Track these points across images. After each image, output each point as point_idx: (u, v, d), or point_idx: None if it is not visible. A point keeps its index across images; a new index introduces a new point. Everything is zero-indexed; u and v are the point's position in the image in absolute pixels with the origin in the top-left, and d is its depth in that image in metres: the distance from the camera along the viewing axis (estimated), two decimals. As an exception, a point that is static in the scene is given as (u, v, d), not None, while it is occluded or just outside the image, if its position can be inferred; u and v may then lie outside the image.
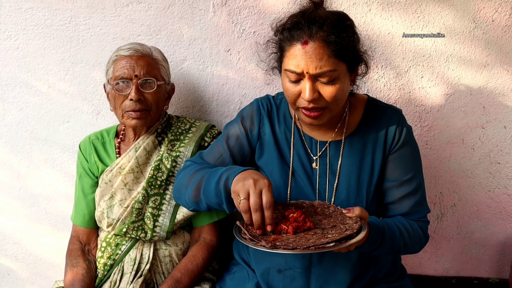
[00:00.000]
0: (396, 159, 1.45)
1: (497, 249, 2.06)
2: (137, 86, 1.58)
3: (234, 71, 1.92)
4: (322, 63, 1.25)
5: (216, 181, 1.33)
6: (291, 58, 1.28)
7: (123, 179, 1.67)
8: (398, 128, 1.44)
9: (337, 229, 1.21)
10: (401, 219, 1.45)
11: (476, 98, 1.88)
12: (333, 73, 1.27)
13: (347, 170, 1.45)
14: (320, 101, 1.30)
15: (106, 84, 1.67)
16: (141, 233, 1.65)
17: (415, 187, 1.46)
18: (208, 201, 1.38)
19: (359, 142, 1.46)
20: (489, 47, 1.82)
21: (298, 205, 1.36)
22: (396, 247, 1.39)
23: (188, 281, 1.59)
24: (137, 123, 1.61)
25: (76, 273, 1.63)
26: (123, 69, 1.59)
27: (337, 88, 1.29)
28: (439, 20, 1.80)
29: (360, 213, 1.24)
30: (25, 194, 2.11)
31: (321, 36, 1.24)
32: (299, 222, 1.24)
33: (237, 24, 1.86)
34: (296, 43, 1.27)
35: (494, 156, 1.94)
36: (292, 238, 1.19)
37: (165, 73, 1.68)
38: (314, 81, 1.28)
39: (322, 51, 1.25)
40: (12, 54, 1.94)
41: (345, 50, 1.27)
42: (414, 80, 1.88)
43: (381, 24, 1.82)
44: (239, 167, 1.32)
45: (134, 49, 1.61)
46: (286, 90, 1.34)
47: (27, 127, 2.02)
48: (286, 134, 1.51)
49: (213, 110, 1.97)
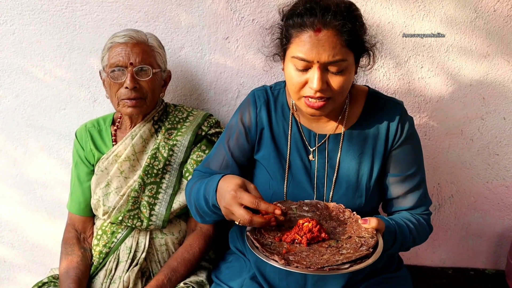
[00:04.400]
0: (399, 154, 1.43)
1: (494, 240, 2.07)
2: (132, 74, 1.56)
3: (232, 59, 1.90)
4: (335, 52, 1.22)
5: (204, 203, 1.33)
6: (300, 45, 1.24)
7: (119, 167, 1.66)
8: (401, 122, 1.42)
9: (352, 243, 1.18)
10: (408, 216, 1.44)
11: (476, 89, 1.86)
12: (343, 63, 1.25)
13: (347, 164, 1.43)
14: (326, 91, 1.27)
15: (101, 71, 1.66)
16: (137, 222, 1.64)
17: (419, 181, 1.45)
18: (211, 218, 1.40)
19: (359, 136, 1.44)
20: (490, 38, 1.80)
21: (312, 205, 1.33)
22: (405, 246, 1.39)
23: (185, 270, 1.59)
24: (133, 111, 1.60)
25: (71, 261, 1.63)
26: (118, 56, 1.57)
27: (345, 78, 1.27)
28: (440, 9, 1.78)
29: (377, 225, 1.21)
30: (21, 181, 2.10)
31: (335, 25, 1.21)
32: (314, 233, 1.20)
33: (235, 11, 1.84)
34: (308, 29, 1.23)
35: (493, 148, 1.93)
36: (306, 251, 1.16)
37: (161, 60, 1.66)
38: (323, 70, 1.25)
39: (335, 39, 1.22)
40: (8, 39, 1.91)
41: (356, 40, 1.25)
42: (413, 70, 1.86)
43: (381, 13, 1.80)
44: (211, 187, 1.28)
45: (129, 36, 1.59)
46: (291, 78, 1.30)
47: (23, 114, 2.00)
48: (284, 126, 1.48)
49: (211, 98, 1.96)
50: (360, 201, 1.43)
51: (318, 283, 1.41)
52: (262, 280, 1.47)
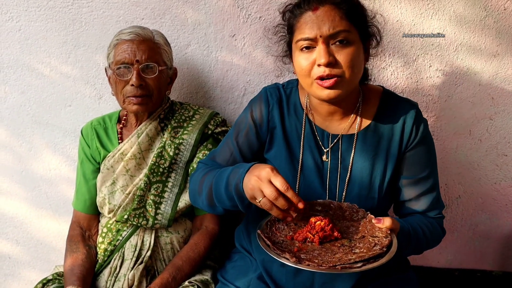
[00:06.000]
0: (413, 156, 1.41)
1: (502, 242, 2.04)
2: (138, 71, 1.56)
3: (239, 57, 1.88)
4: (335, 23, 1.25)
5: (225, 187, 1.29)
6: (302, 27, 1.28)
7: (125, 165, 1.65)
8: (415, 124, 1.40)
9: (366, 242, 1.16)
10: (422, 219, 1.42)
11: (485, 89, 1.84)
12: (347, 34, 1.26)
13: (360, 165, 1.41)
14: (335, 66, 1.26)
15: (107, 68, 1.65)
16: (143, 220, 1.63)
17: (432, 184, 1.43)
18: (223, 206, 1.36)
19: (373, 137, 1.41)
20: (500, 36, 1.78)
21: (325, 205, 1.31)
22: (419, 248, 1.38)
23: (189, 269, 1.58)
24: (138, 108, 1.59)
25: (76, 258, 1.62)
26: (124, 53, 1.56)
27: (351, 51, 1.27)
28: (450, 7, 1.76)
29: (391, 225, 1.19)
30: (26, 178, 2.10)
31: (330, 0, 1.26)
32: (326, 232, 1.18)
33: (242, 9, 1.83)
34: (306, 11, 1.28)
35: (502, 148, 1.91)
36: (318, 250, 1.14)
37: (167, 58, 1.66)
38: (328, 45, 1.26)
39: (333, 12, 1.26)
40: (14, 36, 1.91)
41: (355, 12, 1.28)
42: (422, 69, 1.84)
43: (390, 10, 1.78)
44: (242, 168, 1.26)
45: (136, 33, 1.58)
46: (299, 63, 1.30)
47: (28, 111, 2.00)
48: (296, 125, 1.46)
49: (217, 96, 1.94)
50: (372, 203, 1.41)
51: (325, 285, 1.39)
52: (269, 280, 1.45)
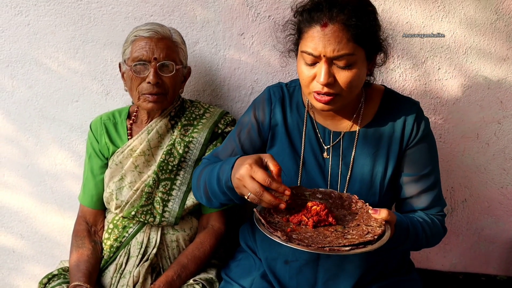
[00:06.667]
0: (414, 153, 1.42)
1: (507, 247, 2.04)
2: (155, 69, 1.55)
3: (247, 55, 1.88)
4: (340, 46, 1.22)
5: (217, 182, 1.32)
6: (308, 40, 1.26)
7: (134, 161, 1.65)
8: (416, 122, 1.41)
9: (359, 230, 1.17)
10: (422, 214, 1.43)
11: (493, 92, 1.83)
12: (351, 58, 1.24)
13: (361, 162, 1.42)
14: (334, 86, 1.27)
15: (122, 63, 1.64)
16: (150, 218, 1.63)
17: (433, 181, 1.44)
18: (219, 200, 1.37)
19: (374, 134, 1.43)
20: (510, 40, 1.77)
21: (326, 194, 1.32)
22: (418, 244, 1.38)
23: (195, 267, 1.59)
24: (154, 106, 1.59)
25: (82, 254, 1.62)
26: (142, 50, 1.55)
27: (353, 73, 1.26)
28: (460, 10, 1.75)
29: (387, 216, 1.19)
30: (32, 172, 2.10)
31: (341, 19, 1.22)
32: (321, 216, 1.20)
33: (251, 7, 1.82)
34: (316, 25, 1.24)
35: (509, 152, 1.90)
36: (310, 232, 1.16)
37: (183, 56, 1.65)
38: (330, 65, 1.25)
39: (341, 34, 1.22)
40: (22, 30, 1.91)
41: (365, 36, 1.24)
42: (430, 71, 1.83)
43: (400, 12, 1.77)
44: (228, 165, 1.27)
45: (154, 31, 1.57)
46: (301, 72, 1.31)
47: (35, 105, 2.00)
48: (298, 123, 1.48)
49: (224, 94, 1.94)
50: (373, 200, 1.41)
51: (328, 283, 1.41)
52: (272, 278, 1.47)
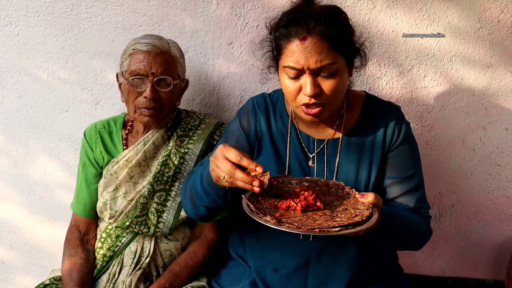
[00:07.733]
0: (396, 156, 1.44)
1: (494, 251, 2.06)
2: (152, 84, 1.54)
3: (235, 64, 1.90)
4: (322, 57, 1.24)
5: (200, 181, 1.34)
6: (289, 55, 1.27)
7: (129, 172, 1.65)
8: (397, 125, 1.44)
9: (347, 213, 1.19)
10: (408, 212, 1.43)
11: (478, 99, 1.86)
12: (333, 66, 1.27)
13: (346, 168, 1.44)
14: (321, 96, 1.29)
15: (119, 74, 1.63)
16: (144, 228, 1.63)
17: (416, 183, 1.45)
18: (203, 203, 1.39)
19: (357, 140, 1.45)
20: (493, 48, 1.80)
21: (312, 182, 1.33)
22: (404, 237, 1.37)
23: (187, 276, 1.59)
24: (150, 120, 1.59)
25: (74, 263, 1.62)
26: (140, 64, 1.54)
27: (337, 81, 1.28)
28: (444, 19, 1.78)
29: (374, 199, 1.21)
30: (21, 182, 2.09)
31: (319, 31, 1.24)
32: (309, 201, 1.21)
33: (240, 17, 1.84)
34: (294, 39, 1.26)
35: (495, 158, 1.93)
36: (299, 216, 1.17)
37: (181, 70, 1.64)
38: (315, 76, 1.28)
39: (321, 45, 1.24)
40: (12, 40, 1.92)
41: (343, 42, 1.27)
42: (416, 79, 1.86)
43: (385, 21, 1.80)
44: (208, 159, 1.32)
45: (153, 45, 1.56)
46: (286, 87, 1.33)
47: (25, 115, 2.00)
48: (283, 132, 1.49)
49: (213, 103, 1.96)
50: None
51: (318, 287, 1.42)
52: (262, 286, 1.48)
